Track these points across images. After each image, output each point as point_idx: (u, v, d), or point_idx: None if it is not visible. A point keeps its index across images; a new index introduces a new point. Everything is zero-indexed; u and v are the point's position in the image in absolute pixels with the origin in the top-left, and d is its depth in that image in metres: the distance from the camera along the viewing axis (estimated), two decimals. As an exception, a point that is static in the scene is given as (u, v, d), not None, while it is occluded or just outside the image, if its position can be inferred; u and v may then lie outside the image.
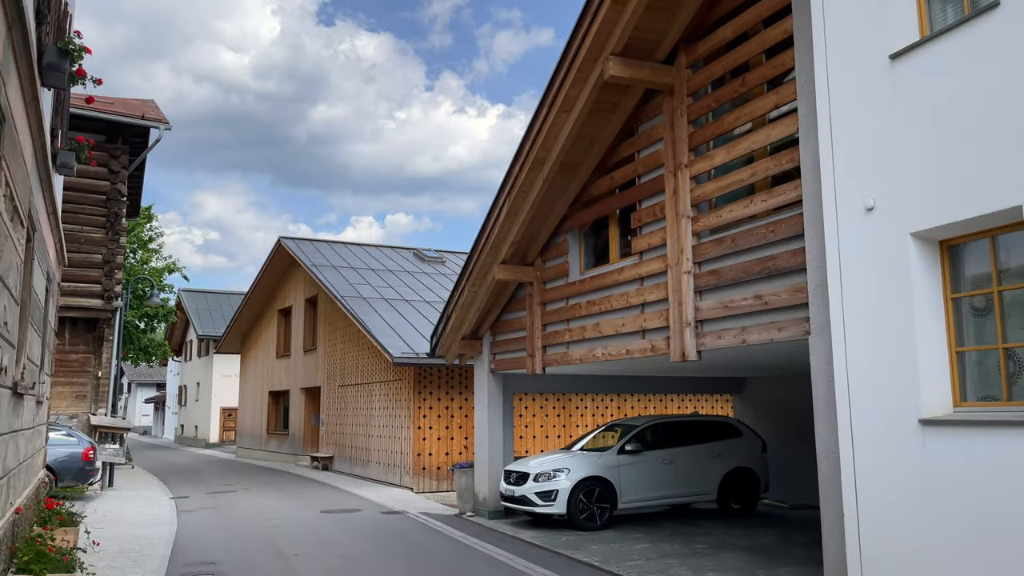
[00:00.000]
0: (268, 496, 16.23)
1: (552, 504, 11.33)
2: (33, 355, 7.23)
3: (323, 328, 23.89)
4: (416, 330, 18.69)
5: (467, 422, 17.57)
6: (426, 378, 17.37)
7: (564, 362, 10.90)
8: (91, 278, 18.32)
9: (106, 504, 14.65)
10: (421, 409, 17.24)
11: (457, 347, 13.44)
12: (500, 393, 13.19)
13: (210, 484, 19.35)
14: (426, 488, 16.96)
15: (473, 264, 12.04)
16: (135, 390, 67.69)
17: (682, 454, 12.32)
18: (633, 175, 9.62)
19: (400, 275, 24.25)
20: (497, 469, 12.90)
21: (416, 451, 17.06)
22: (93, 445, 15.47)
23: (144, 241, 35.20)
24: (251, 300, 29.63)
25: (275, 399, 28.78)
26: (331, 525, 12.06)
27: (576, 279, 10.84)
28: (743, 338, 7.73)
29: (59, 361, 18.17)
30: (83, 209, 18.45)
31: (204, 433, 41.70)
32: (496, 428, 13.05)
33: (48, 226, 7.92)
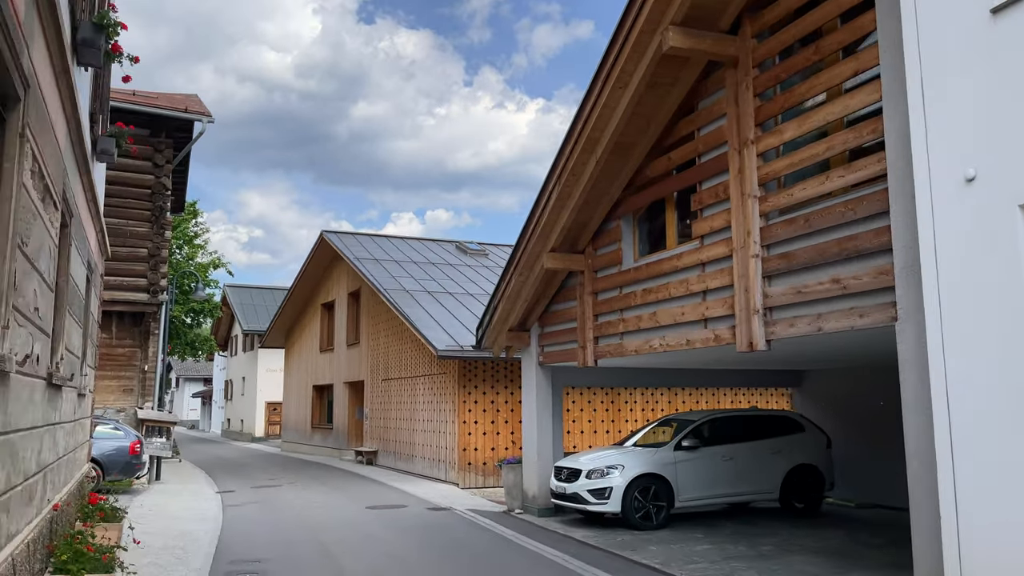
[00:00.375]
0: (313, 491, 16.03)
1: (605, 502, 10.84)
2: (72, 346, 7.00)
3: (366, 322, 23.70)
4: (460, 323, 18.33)
5: (513, 417, 17.16)
6: (471, 371, 17.00)
7: (618, 354, 10.40)
8: (136, 272, 18.35)
9: (152, 498, 14.59)
10: (466, 403, 16.87)
11: (504, 339, 13.01)
12: (549, 386, 12.73)
13: (255, 478, 19.28)
14: (472, 484, 16.60)
15: (520, 253, 11.60)
16: (183, 385, 68.92)
17: (742, 450, 11.71)
18: (693, 154, 9.05)
19: (443, 268, 23.94)
20: (546, 465, 12.45)
21: (461, 446, 16.71)
22: (140, 439, 15.43)
23: (189, 237, 35.53)
24: (294, 295, 29.66)
25: (319, 393, 28.76)
26: (377, 522, 11.74)
27: (630, 267, 10.31)
28: (819, 326, 7.14)
29: (106, 355, 18.24)
30: (128, 203, 18.47)
31: (250, 427, 42.09)
32: (545, 423, 12.60)
33: (88, 214, 7.70)
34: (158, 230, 18.62)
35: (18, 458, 4.21)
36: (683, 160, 9.32)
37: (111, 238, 18.21)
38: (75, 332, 7.16)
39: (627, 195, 10.40)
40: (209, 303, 34.96)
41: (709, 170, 8.73)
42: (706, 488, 11.36)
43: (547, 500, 12.31)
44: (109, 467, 14.83)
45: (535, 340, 12.81)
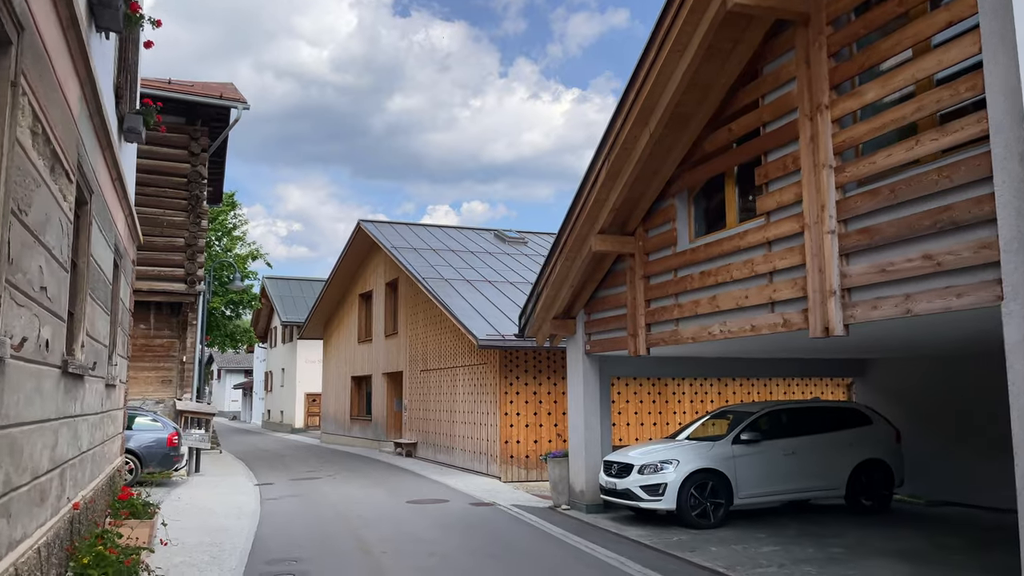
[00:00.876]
0: (352, 484, 15.65)
1: (659, 499, 10.20)
2: (97, 333, 6.59)
3: (404, 312, 23.30)
4: (501, 312, 17.78)
5: (556, 408, 16.58)
6: (512, 361, 16.44)
7: (673, 341, 9.72)
8: (174, 262, 18.14)
9: (190, 491, 14.33)
10: (508, 394, 16.32)
11: (548, 328, 12.41)
12: (596, 377, 12.10)
13: (294, 470, 19.01)
14: (514, 477, 16.07)
15: (566, 236, 10.97)
16: (224, 376, 69.70)
17: (805, 444, 10.97)
18: (757, 124, 8.33)
19: (481, 256, 23.41)
20: (594, 459, 11.84)
21: (503, 438, 16.18)
22: (178, 430, 15.19)
23: (228, 228, 35.56)
24: (332, 286, 29.42)
25: (357, 384, 28.51)
26: (419, 518, 11.27)
27: (686, 248, 9.62)
28: (907, 308, 6.41)
29: (144, 346, 18.08)
30: (164, 192, 18.26)
31: (289, 418, 42.18)
32: (592, 415, 11.98)
33: (114, 194, 7.29)
34: (195, 219, 18.38)
35: (22, 455, 3.76)
36: (745, 131, 8.59)
37: (147, 227, 18.03)
38: (100, 319, 6.75)
39: (682, 171, 9.70)
40: (247, 294, 35.01)
41: (776, 140, 8.00)
42: (767, 484, 10.64)
43: (595, 496, 11.71)
44: (147, 459, 14.62)
45: (581, 328, 12.19)
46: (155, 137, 18.21)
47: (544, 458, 12.92)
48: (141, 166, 17.99)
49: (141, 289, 17.67)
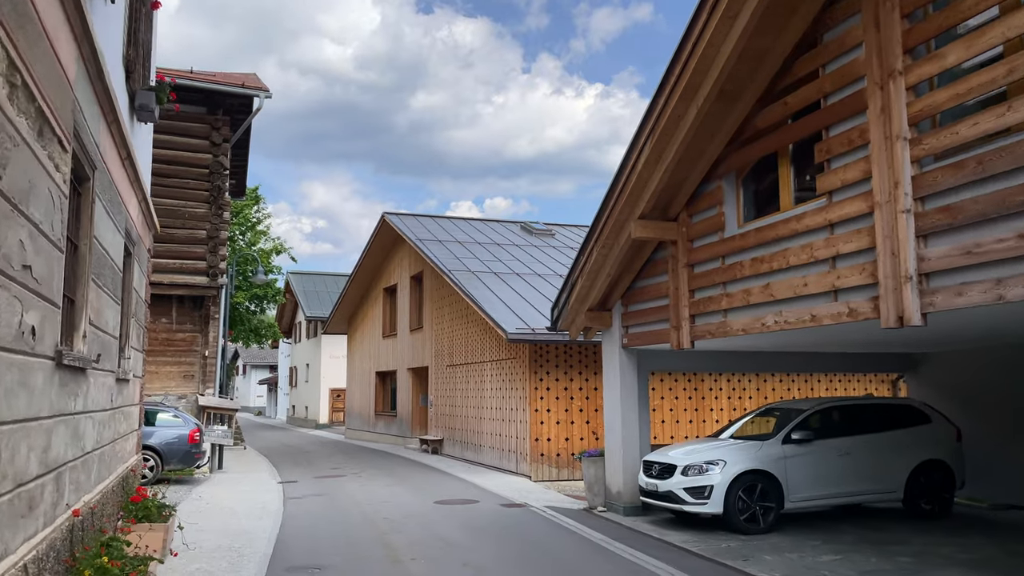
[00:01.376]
0: (378, 482, 15.15)
1: (705, 502, 9.55)
2: (104, 324, 6.09)
3: (429, 306, 22.79)
4: (530, 304, 17.18)
5: (588, 405, 15.96)
6: (543, 356, 15.83)
7: (721, 334, 9.06)
8: (196, 254, 17.76)
9: (212, 489, 13.92)
10: (538, 390, 15.72)
11: (583, 320, 11.79)
12: (634, 372, 11.46)
13: (319, 467, 18.58)
14: (545, 476, 15.47)
15: (603, 222, 10.33)
16: (249, 372, 69.91)
17: (860, 444, 10.25)
18: (817, 96, 7.63)
19: (508, 248, 22.81)
20: (633, 459, 11.21)
21: (533, 436, 15.59)
22: (199, 427, 14.79)
23: (252, 223, 35.32)
24: (356, 280, 29.00)
25: (382, 380, 28.08)
26: (449, 520, 10.71)
27: (734, 233, 8.95)
28: (999, 293, 5.71)
29: (166, 340, 17.73)
30: (185, 184, 17.88)
31: (314, 414, 41.96)
32: (630, 412, 11.35)
33: (123, 175, 6.79)
34: (216, 211, 17.99)
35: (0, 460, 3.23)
36: (803, 104, 7.90)
37: (168, 219, 17.67)
38: (108, 308, 6.25)
39: (730, 151, 9.02)
40: (271, 288, 34.79)
41: (839, 112, 7.30)
42: (820, 487, 9.95)
43: (633, 497, 11.09)
44: (168, 456, 14.23)
45: (618, 321, 11.55)
46: (175, 127, 17.86)
47: (578, 457, 12.31)
48: (161, 156, 17.63)
49: (162, 282, 17.32)
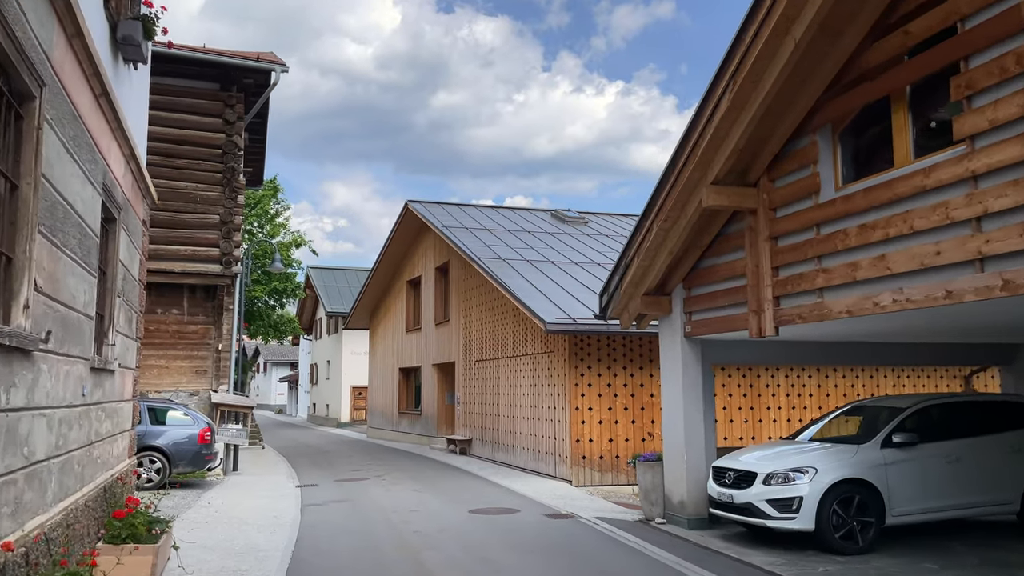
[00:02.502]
0: (404, 487, 13.84)
1: (793, 517, 8.10)
2: (67, 295, 4.79)
3: (456, 298, 21.46)
4: (568, 293, 15.78)
5: (633, 403, 14.53)
6: (583, 349, 14.43)
7: (815, 317, 7.60)
8: (208, 241, 16.55)
9: (224, 494, 12.67)
10: (579, 386, 14.32)
11: (637, 306, 10.37)
12: (697, 364, 10.03)
13: (339, 469, 17.32)
14: (587, 481, 14.07)
15: (667, 191, 8.91)
16: (270, 369, 69.06)
17: (970, 448, 8.74)
18: (952, 19, 6.16)
19: (540, 236, 21.41)
20: (697, 464, 9.78)
21: (574, 437, 14.18)
22: (210, 425, 13.55)
23: (271, 215, 34.21)
24: (378, 272, 27.75)
25: (406, 376, 26.81)
26: (488, 534, 9.36)
27: (833, 197, 7.49)
28: None
29: (177, 333, 16.55)
30: (197, 165, 16.67)
31: (335, 412, 40.83)
32: (694, 411, 9.91)
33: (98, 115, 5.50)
34: (230, 194, 16.76)
35: None
36: (928, 32, 6.42)
37: (178, 203, 16.49)
38: (75, 278, 4.96)
39: (827, 99, 7.55)
40: (291, 283, 33.65)
41: (984, 37, 5.82)
42: (926, 499, 8.46)
43: (699, 508, 9.67)
44: (176, 458, 13.01)
45: (679, 306, 10.12)
46: (186, 104, 16.67)
47: (632, 462, 10.90)
48: (170, 136, 16.47)
49: (172, 270, 16.14)
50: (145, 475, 12.81)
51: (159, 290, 16.48)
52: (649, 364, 14.71)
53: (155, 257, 16.10)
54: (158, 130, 16.27)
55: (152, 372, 16.24)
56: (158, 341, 16.40)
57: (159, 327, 16.45)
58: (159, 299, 16.52)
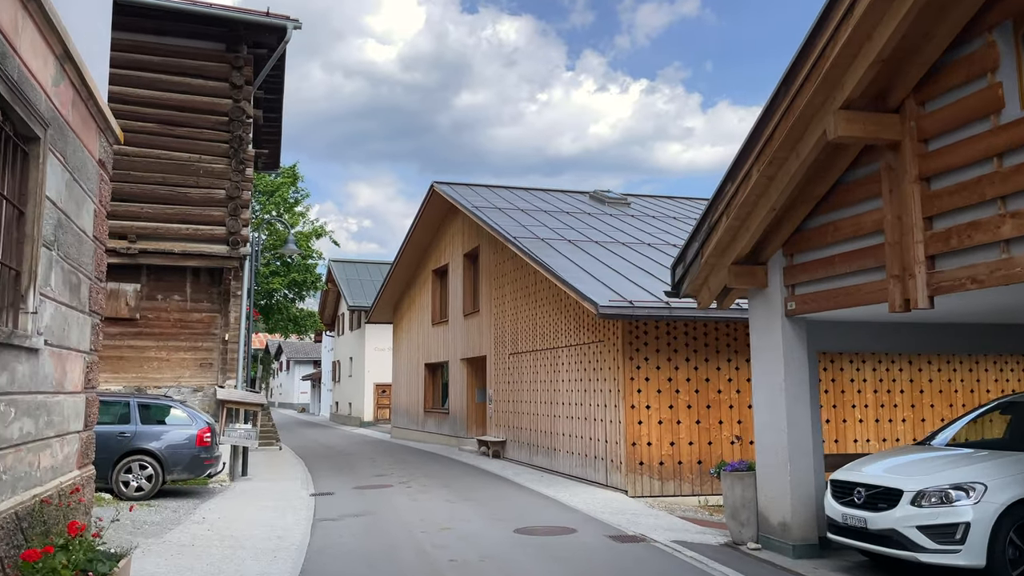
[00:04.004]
0: (433, 496, 11.96)
1: (956, 548, 6.06)
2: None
3: (487, 286, 19.55)
4: (619, 274, 13.80)
5: (698, 400, 12.51)
6: (640, 338, 12.43)
7: (1000, 279, 5.56)
8: (213, 218, 14.78)
9: (225, 505, 10.88)
10: (634, 381, 12.34)
11: (722, 279, 8.38)
12: (803, 350, 8.01)
13: (360, 474, 15.50)
14: (645, 491, 12.09)
15: (775, 124, 6.91)
16: (293, 367, 67.68)
17: None
18: None
19: (579, 216, 19.43)
20: (804, 476, 7.77)
21: (629, 439, 12.20)
22: (210, 425, 11.76)
23: (290, 204, 32.59)
24: (402, 261, 25.93)
25: (432, 373, 24.96)
26: (544, 565, 7.42)
27: (1021, 115, 5.46)
28: None
29: (179, 322, 14.81)
30: (200, 134, 14.89)
31: (358, 411, 39.13)
32: (799, 410, 7.89)
33: None
34: (237, 166, 14.98)
35: None
36: None
37: (180, 176, 14.73)
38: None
39: (1015, -19, 5.52)
40: (311, 274, 32.02)
41: None
42: None
43: (807, 531, 7.66)
44: (170, 464, 11.24)
45: (777, 278, 8.11)
46: (188, 66, 14.89)
47: (715, 472, 8.89)
48: (170, 101, 14.71)
49: (172, 251, 14.40)
50: (135, 483, 11.05)
51: (158, 274, 14.75)
52: (716, 355, 12.69)
53: (153, 236, 14.38)
54: (156, 95, 14.57)
55: (151, 365, 14.52)
56: (158, 331, 14.67)
57: (159, 315, 14.72)
58: (158, 284, 14.79)
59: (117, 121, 6.97)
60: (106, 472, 10.90)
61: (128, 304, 14.49)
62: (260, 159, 23.51)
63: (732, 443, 12.40)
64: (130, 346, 14.46)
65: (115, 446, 11.02)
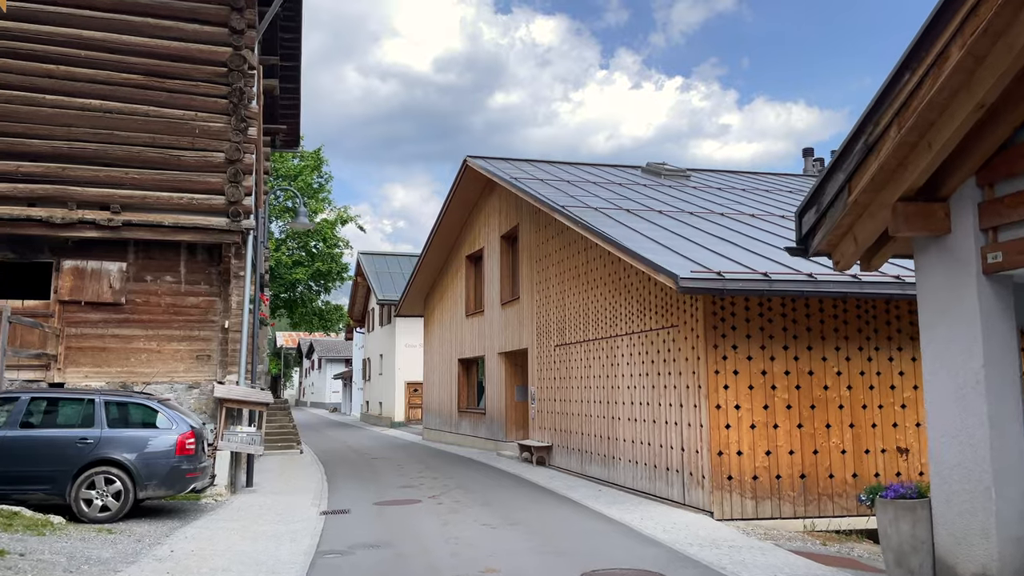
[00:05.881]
0: (470, 518, 9.61)
1: None
2: None
3: (528, 269, 17.17)
4: (694, 243, 11.33)
5: (799, 398, 9.98)
6: (725, 320, 9.93)
7: None
8: (211, 186, 12.63)
9: (209, 529, 8.64)
10: (720, 375, 9.84)
11: (881, 222, 5.89)
12: (1008, 326, 5.48)
13: (384, 484, 13.25)
14: (735, 512, 9.59)
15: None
16: (324, 365, 66.04)
17: None
18: None
19: (635, 188, 16.94)
20: (1014, 506, 5.24)
21: (715, 447, 9.71)
22: (194, 429, 9.53)
23: (314, 190, 30.55)
24: (432, 248, 23.68)
25: (466, 369, 22.66)
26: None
27: None
28: None
29: (172, 307, 12.69)
30: (195, 87, 12.75)
31: (389, 410, 37.00)
32: (1006, 411, 5.37)
33: None
34: (238, 124, 12.79)
35: None
36: None
37: (171, 136, 12.56)
38: None
39: None
40: (336, 263, 29.90)
41: None
42: None
43: (1024, 592, 5.14)
44: (143, 477, 9.05)
45: (968, 219, 5.59)
46: (179, 8, 12.74)
47: (866, 500, 6.36)
48: (159, 49, 12.52)
49: (162, 224, 12.28)
50: (99, 501, 8.87)
51: (147, 250, 12.64)
52: (821, 342, 10.16)
53: (140, 207, 12.27)
54: (143, 42, 12.45)
55: (139, 358, 12.40)
56: (147, 318, 12.56)
57: (148, 299, 12.60)
58: (147, 263, 12.67)
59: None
60: (64, 487, 8.77)
61: (112, 286, 12.38)
62: (278, 136, 21.43)
63: (814, 453, 9.85)
64: (114, 335, 12.36)
65: (74, 455, 8.87)
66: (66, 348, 12.11)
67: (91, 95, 12.21)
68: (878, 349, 10.35)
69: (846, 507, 9.94)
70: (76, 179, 12.02)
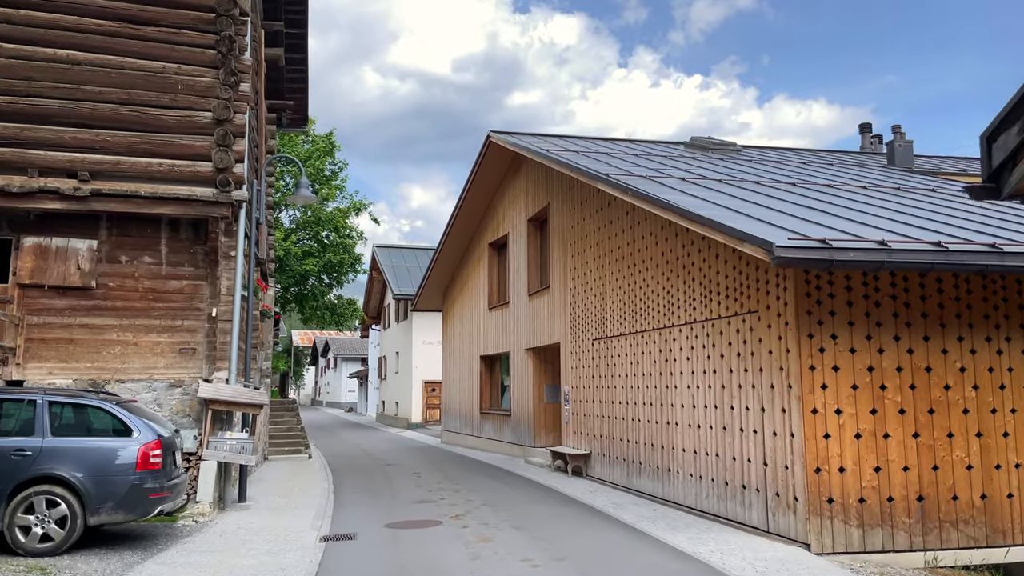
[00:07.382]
0: (503, 548, 7.69)
1: None
2: None
3: (560, 254, 15.23)
4: (775, 211, 9.31)
5: (917, 400, 7.95)
6: (822, 303, 7.94)
7: None
8: (196, 151, 10.80)
9: (178, 563, 6.79)
10: (817, 371, 7.84)
11: None
12: None
13: (399, 498, 11.37)
14: (838, 544, 7.59)
15: None
16: (340, 364, 64.41)
17: None
18: None
19: (682, 160, 14.93)
20: None
21: (812, 462, 7.71)
22: (161, 438, 7.67)
23: (326, 176, 28.75)
24: (452, 236, 21.79)
25: (489, 367, 20.74)
26: None
27: None
28: None
29: (151, 292, 10.89)
30: (176, 35, 10.93)
31: (405, 411, 35.18)
32: None
33: None
34: (227, 79, 10.95)
35: None
36: None
37: (149, 92, 10.74)
38: None
39: None
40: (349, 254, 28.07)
41: None
42: None
43: None
44: (95, 498, 7.21)
45: None
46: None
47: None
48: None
49: (139, 194, 10.48)
50: (38, 529, 7.04)
51: (121, 226, 10.84)
52: (940, 331, 8.13)
53: (112, 174, 10.47)
54: (117, -19, 10.66)
55: (112, 351, 10.60)
56: (122, 305, 10.75)
57: (123, 283, 10.80)
58: (122, 240, 10.87)
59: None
60: (-6, 511, 6.94)
61: (80, 267, 10.58)
62: (284, 113, 19.67)
63: (934, 469, 7.82)
64: (83, 325, 10.55)
65: (7, 470, 7.06)
66: (26, 340, 10.33)
67: (55, 43, 10.43)
68: (1009, 339, 8.31)
69: (973, 536, 7.93)
70: (37, 141, 10.24)
